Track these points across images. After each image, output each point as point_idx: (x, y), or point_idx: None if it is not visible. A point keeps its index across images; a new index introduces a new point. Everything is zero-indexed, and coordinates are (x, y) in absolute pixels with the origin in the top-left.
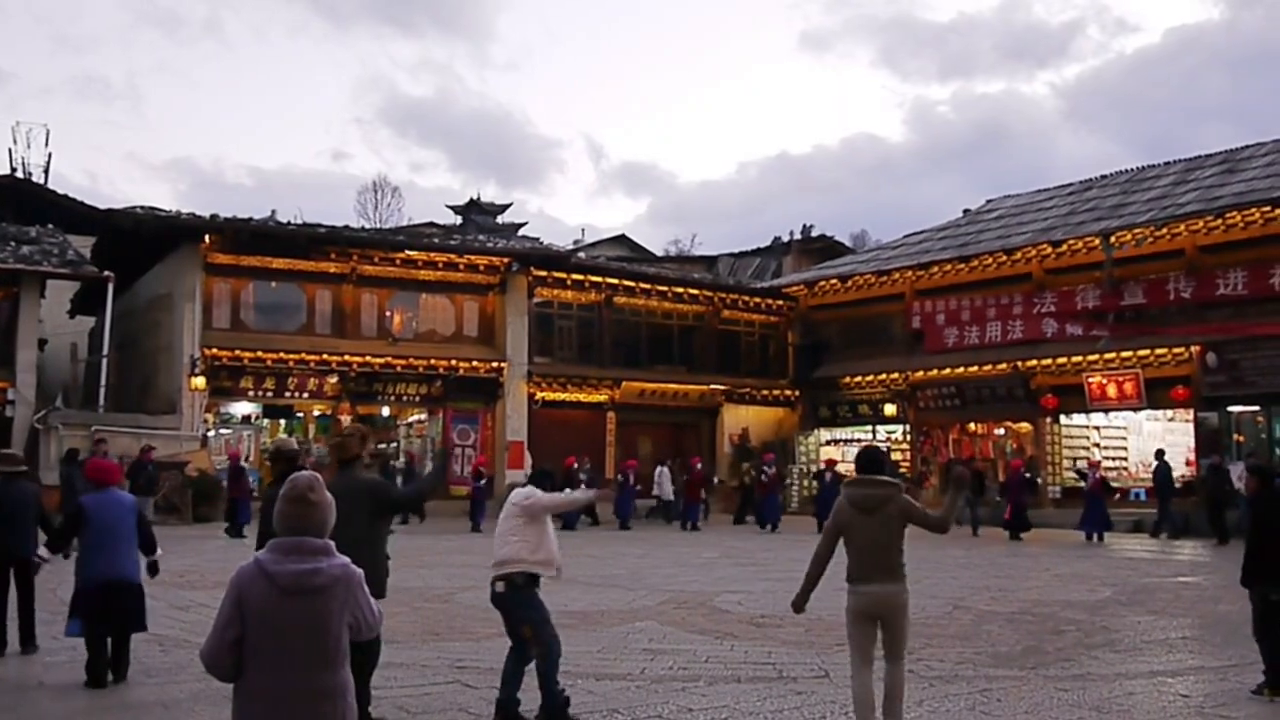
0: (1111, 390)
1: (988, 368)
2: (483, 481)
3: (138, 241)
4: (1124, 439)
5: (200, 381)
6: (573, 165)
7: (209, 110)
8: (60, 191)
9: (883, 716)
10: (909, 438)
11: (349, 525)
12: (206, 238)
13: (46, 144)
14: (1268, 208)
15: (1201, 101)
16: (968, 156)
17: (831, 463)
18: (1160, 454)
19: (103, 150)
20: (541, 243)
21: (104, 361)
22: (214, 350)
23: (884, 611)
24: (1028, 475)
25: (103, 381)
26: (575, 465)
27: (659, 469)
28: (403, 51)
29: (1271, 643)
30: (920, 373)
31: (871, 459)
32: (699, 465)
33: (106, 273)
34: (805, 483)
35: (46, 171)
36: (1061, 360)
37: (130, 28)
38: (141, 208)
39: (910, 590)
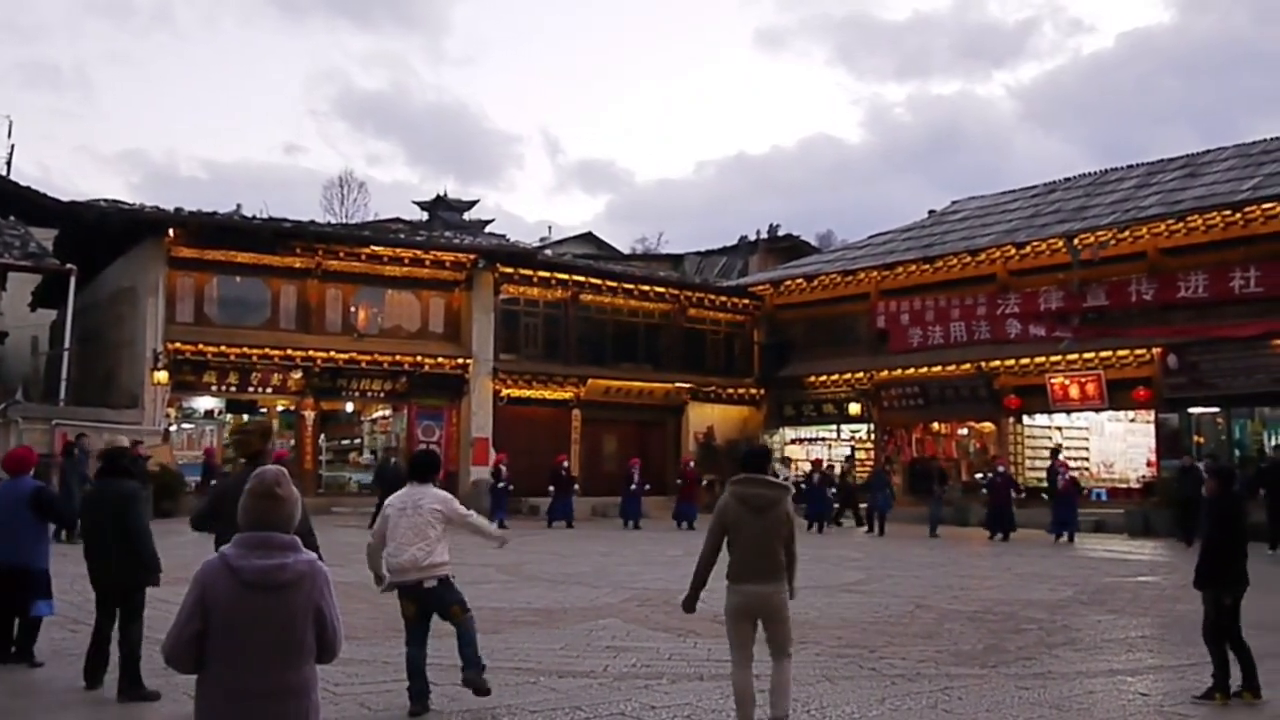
0: (1074, 391)
1: (951, 368)
2: (501, 484)
3: (101, 235)
4: (1086, 440)
5: (163, 376)
6: (530, 161)
7: (161, 101)
8: (23, 184)
9: (770, 710)
10: (873, 437)
11: None
12: (170, 231)
13: (9, 135)
14: (1228, 211)
15: (1156, 105)
16: (925, 159)
17: (819, 463)
18: (1055, 452)
19: (54, 141)
20: (508, 240)
21: (65, 355)
22: (177, 344)
23: (763, 611)
24: (1003, 472)
25: (64, 375)
26: (565, 462)
27: (779, 469)
28: (356, 43)
29: (1223, 646)
30: (885, 372)
31: (759, 458)
32: (692, 464)
33: (69, 265)
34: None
35: (9, 163)
36: (1025, 361)
37: (80, 17)
38: (105, 200)
39: (870, 589)
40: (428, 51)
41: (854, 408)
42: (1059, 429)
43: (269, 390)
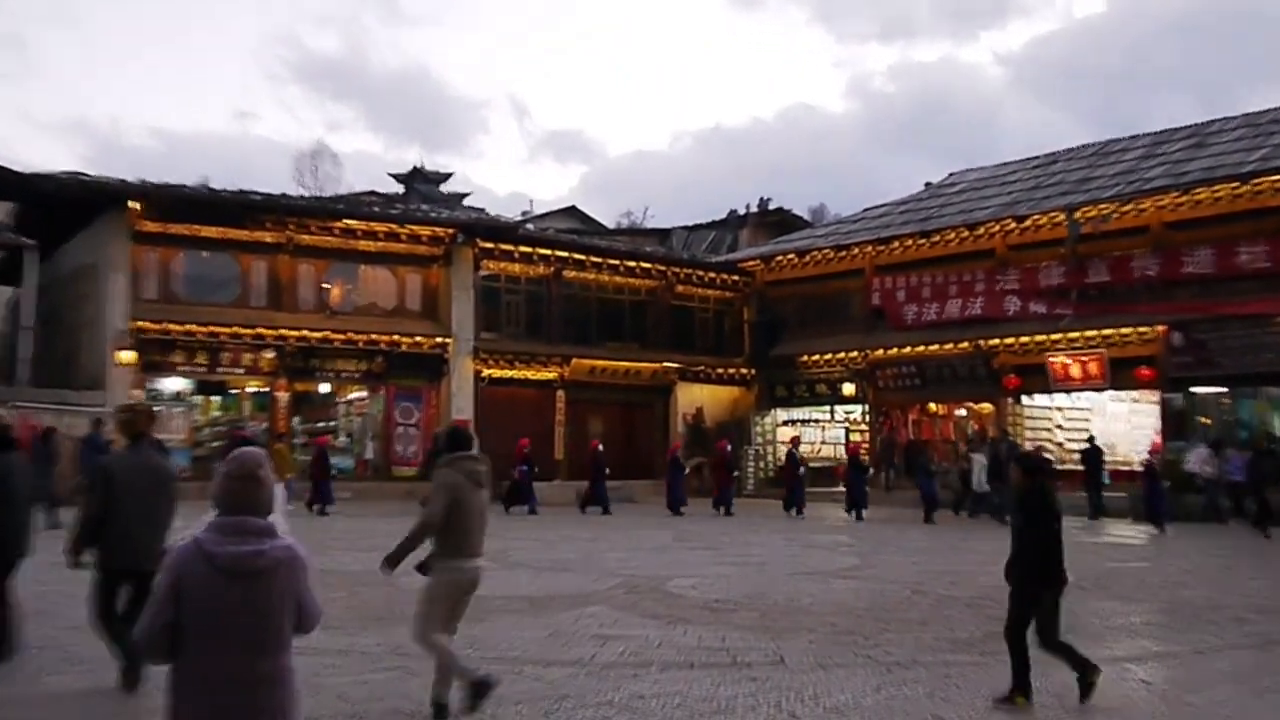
0: (1075, 370)
1: (949, 346)
2: (526, 466)
3: (61, 208)
4: (1087, 420)
5: (128, 356)
6: (498, 128)
7: (103, 65)
8: None
9: (444, 687)
10: (868, 418)
11: (142, 500)
12: (134, 204)
13: None
14: (1236, 183)
15: (1152, 72)
16: (912, 129)
17: (795, 440)
18: (979, 439)
19: None
20: (487, 213)
21: (25, 334)
22: (142, 323)
23: (475, 584)
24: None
25: (24, 355)
26: (600, 446)
27: (973, 456)
28: (308, 1)
29: (1024, 645)
30: (880, 351)
31: (467, 436)
32: (728, 448)
33: (27, 240)
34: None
35: None
36: (1024, 339)
37: None
38: (65, 172)
39: (865, 575)
40: (383, 9)
41: (848, 388)
42: (1060, 409)
43: (240, 371)
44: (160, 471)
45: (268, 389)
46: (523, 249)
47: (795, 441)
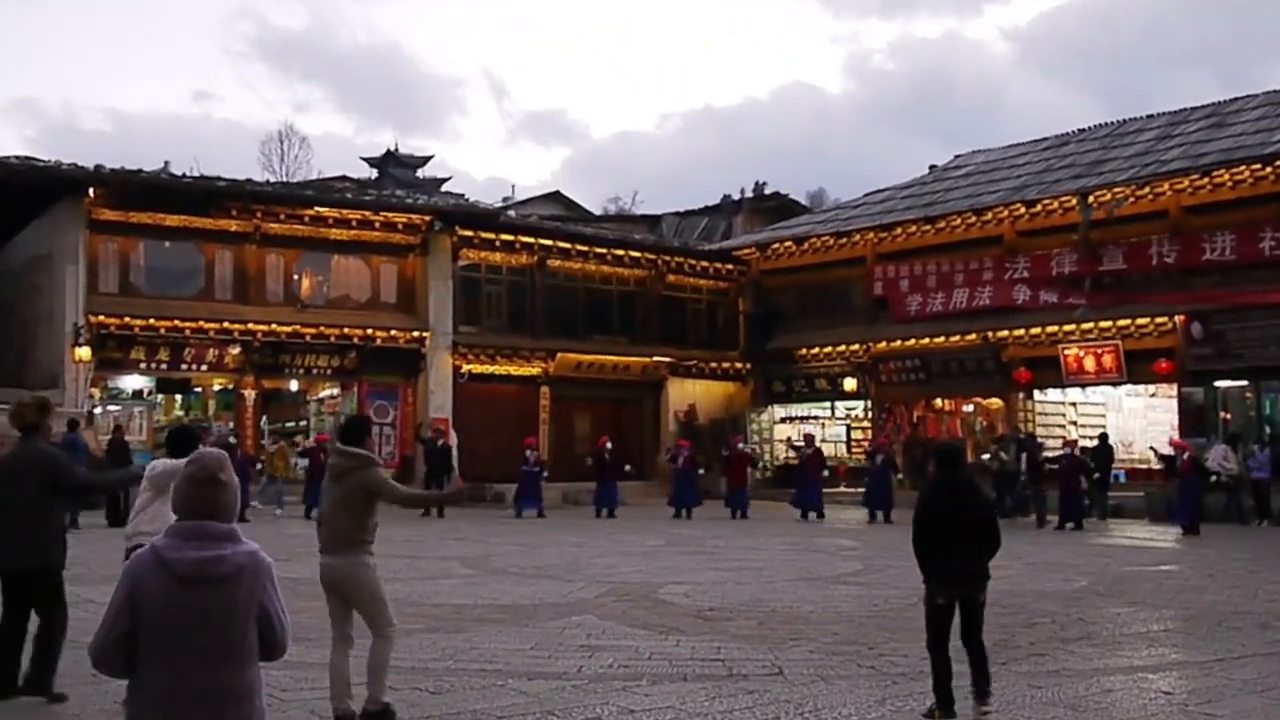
0: (1089, 363)
1: (955, 338)
2: (532, 466)
3: (12, 195)
4: (1102, 416)
5: (85, 352)
6: (474, 107)
7: (53, 42)
8: None
9: (367, 688)
10: (870, 414)
11: (19, 496)
12: (91, 191)
13: None
14: (1258, 166)
15: (1166, 47)
16: (914, 109)
17: (810, 438)
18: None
19: None
20: (466, 199)
21: None
22: (100, 317)
23: (336, 584)
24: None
25: None
26: (608, 444)
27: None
28: None
29: (943, 653)
30: (883, 344)
31: (351, 429)
32: (740, 445)
33: None
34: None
35: None
36: (1035, 330)
37: None
38: (16, 157)
39: (869, 581)
40: None
41: (849, 383)
42: (1073, 404)
43: (204, 367)
44: (19, 466)
45: (233, 387)
46: (504, 237)
47: (809, 439)
